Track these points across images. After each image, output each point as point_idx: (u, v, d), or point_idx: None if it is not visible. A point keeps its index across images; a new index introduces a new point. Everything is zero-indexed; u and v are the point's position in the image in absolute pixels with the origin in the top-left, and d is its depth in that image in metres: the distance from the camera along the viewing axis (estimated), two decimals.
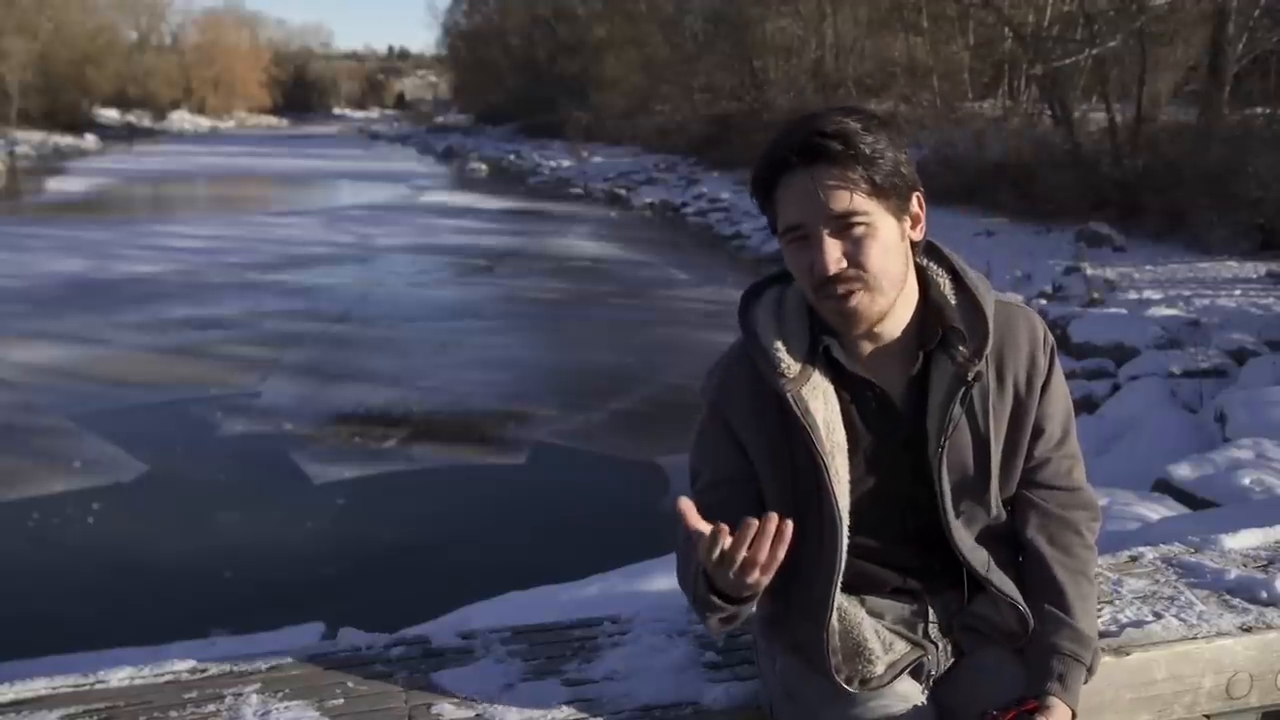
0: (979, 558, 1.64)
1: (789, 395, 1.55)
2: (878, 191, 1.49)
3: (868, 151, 1.48)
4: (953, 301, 1.61)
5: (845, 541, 1.59)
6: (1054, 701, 1.56)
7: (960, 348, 1.57)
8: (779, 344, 1.58)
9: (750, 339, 1.61)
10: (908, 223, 1.56)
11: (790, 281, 1.64)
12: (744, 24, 31.72)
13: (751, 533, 1.36)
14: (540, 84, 52.07)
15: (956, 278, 1.63)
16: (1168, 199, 14.96)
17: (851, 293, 1.50)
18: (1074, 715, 1.58)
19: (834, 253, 1.48)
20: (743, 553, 1.36)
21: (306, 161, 44.96)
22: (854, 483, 1.60)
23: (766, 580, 1.41)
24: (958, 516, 1.62)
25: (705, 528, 1.38)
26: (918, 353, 1.60)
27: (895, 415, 1.61)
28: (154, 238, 21.13)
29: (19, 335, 12.23)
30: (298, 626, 5.01)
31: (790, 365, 1.56)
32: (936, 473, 1.60)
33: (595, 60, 44.73)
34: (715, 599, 1.48)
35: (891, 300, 1.55)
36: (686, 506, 1.40)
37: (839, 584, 1.60)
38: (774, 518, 1.36)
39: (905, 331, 1.60)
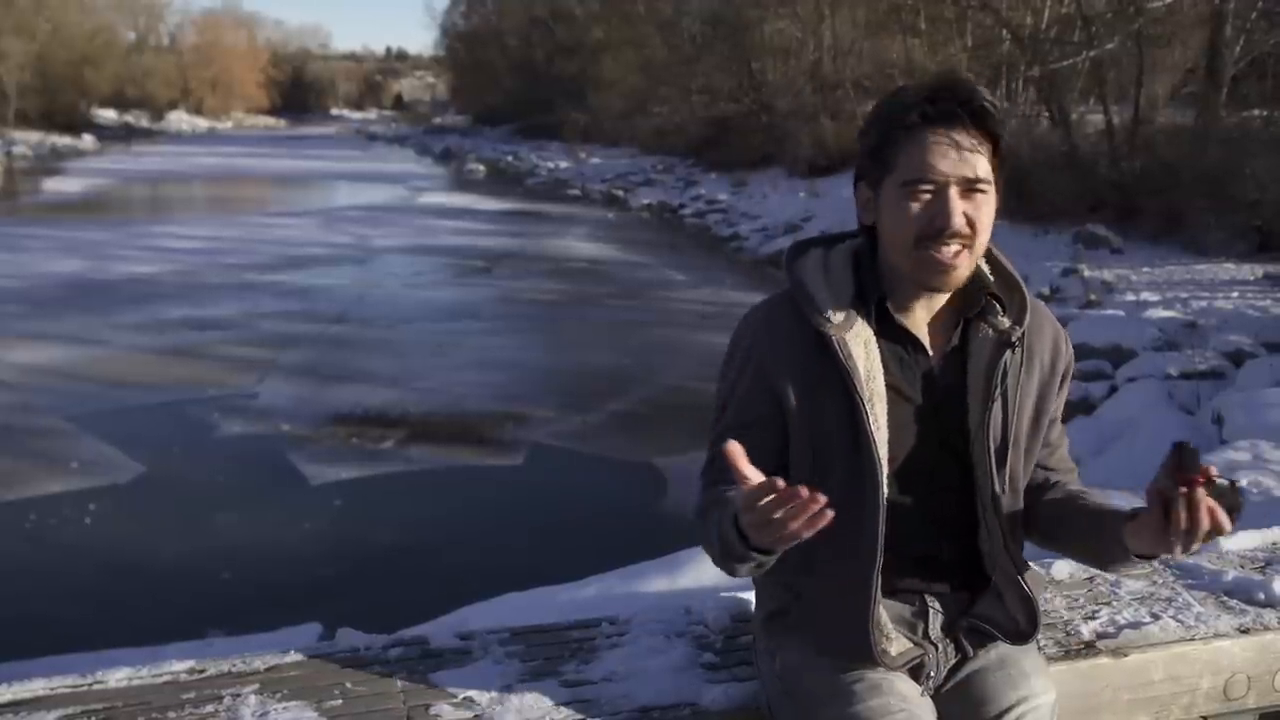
0: (1007, 531, 1.66)
1: (833, 338, 1.59)
2: (999, 167, 1.61)
3: (1005, 130, 1.60)
4: (991, 278, 1.69)
5: (885, 491, 1.60)
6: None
7: (1000, 317, 1.66)
8: (826, 292, 1.64)
9: (797, 286, 1.66)
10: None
11: (833, 245, 1.72)
12: (742, 25, 31.71)
13: (796, 500, 1.33)
14: (538, 85, 52.06)
15: (991, 260, 1.72)
16: (1165, 201, 14.96)
17: (960, 251, 1.57)
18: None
19: (959, 209, 1.56)
20: (780, 514, 1.35)
21: (304, 162, 44.93)
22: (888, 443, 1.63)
23: (794, 541, 1.39)
24: (1001, 488, 1.65)
25: (755, 476, 1.39)
26: (958, 321, 1.67)
27: (933, 379, 1.65)
28: (152, 238, 21.12)
29: (17, 336, 12.21)
30: (296, 627, 5.01)
31: (835, 311, 1.62)
32: (981, 442, 1.63)
33: (593, 61, 44.69)
34: (742, 545, 1.47)
35: (974, 268, 1.64)
36: (735, 450, 1.41)
37: (883, 534, 1.60)
38: (821, 498, 1.33)
39: (948, 300, 1.67)
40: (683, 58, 35.68)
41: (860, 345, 1.61)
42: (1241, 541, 2.40)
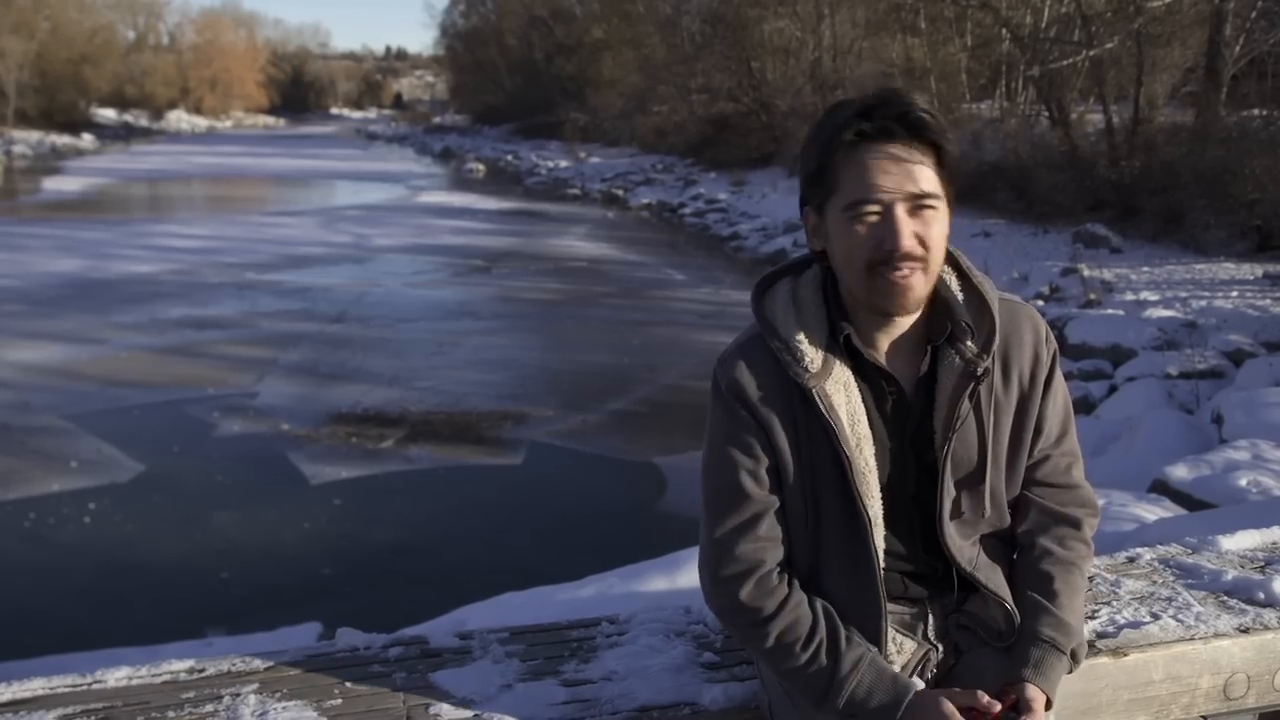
0: (967, 556, 1.63)
1: (814, 391, 1.54)
2: (947, 179, 1.52)
3: (949, 138, 1.51)
4: (960, 298, 1.61)
5: (881, 533, 1.58)
6: (1029, 690, 1.53)
7: (968, 343, 1.58)
8: (800, 335, 1.57)
9: (769, 332, 1.59)
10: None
11: (800, 272, 1.65)
12: (741, 25, 31.72)
13: None
14: (537, 85, 52.06)
15: (962, 275, 1.64)
16: (1165, 200, 14.97)
17: (912, 272, 1.50)
18: (1049, 703, 1.55)
19: (908, 229, 1.48)
20: None
21: (303, 161, 44.95)
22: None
23: None
24: (954, 516, 1.62)
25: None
26: (925, 347, 1.60)
27: (906, 409, 1.61)
28: (151, 238, 21.12)
29: (16, 335, 12.21)
30: (295, 627, 5.02)
31: (813, 359, 1.56)
32: (940, 468, 1.59)
33: (592, 61, 44.72)
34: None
35: (932, 286, 1.56)
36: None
37: (884, 588, 1.58)
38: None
39: (915, 325, 1.60)
40: (682, 57, 35.68)
41: (840, 391, 1.56)
42: (1241, 541, 2.40)
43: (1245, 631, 1.99)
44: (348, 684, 1.81)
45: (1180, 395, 8.40)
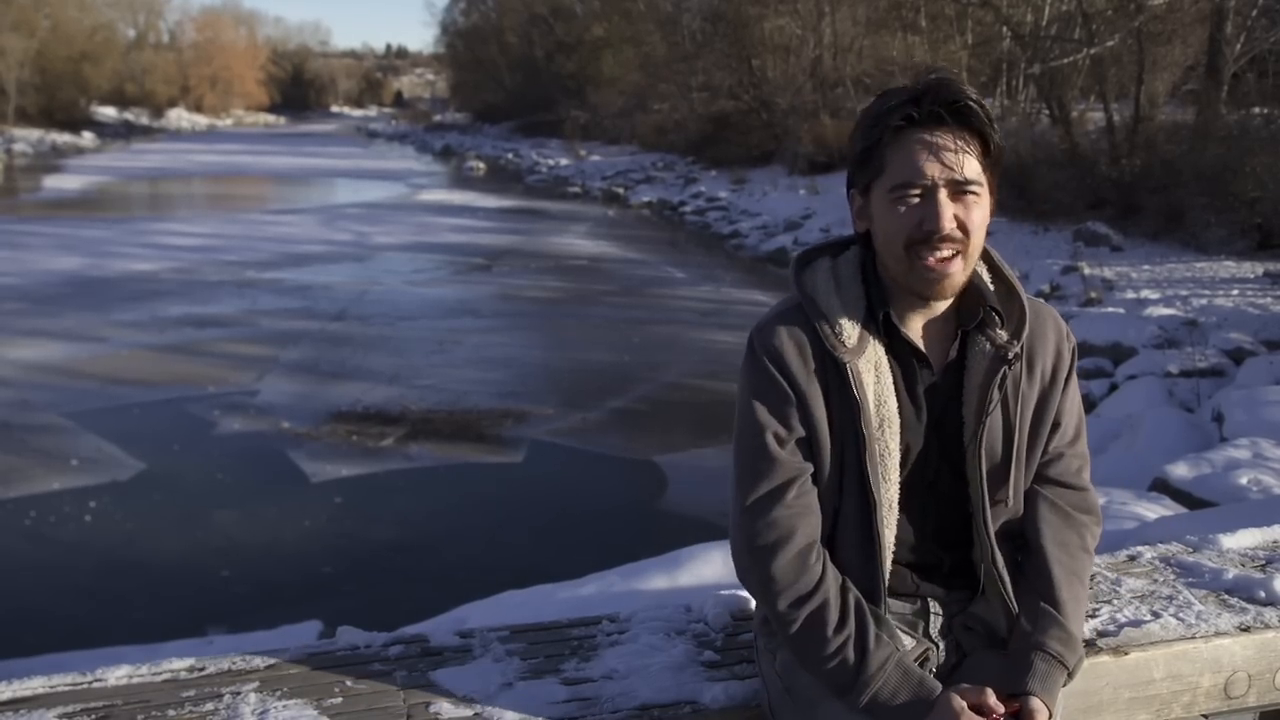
0: (1000, 550, 1.64)
1: (847, 367, 1.57)
2: (990, 168, 1.56)
3: (996, 128, 1.55)
4: (991, 288, 1.64)
5: (892, 525, 1.59)
6: (1034, 703, 1.53)
7: (999, 330, 1.61)
8: (839, 310, 1.60)
9: (809, 304, 1.62)
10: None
11: (840, 252, 1.68)
12: (742, 23, 31.71)
13: None
14: (538, 82, 52.06)
15: (993, 267, 1.68)
16: (1165, 198, 14.96)
17: (954, 255, 1.54)
18: (1050, 715, 1.55)
19: (949, 212, 1.52)
20: None
21: (304, 160, 44.94)
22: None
23: None
24: (993, 505, 1.62)
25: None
26: (956, 333, 1.63)
27: (936, 392, 1.63)
28: (151, 236, 21.12)
29: (16, 333, 12.21)
30: (295, 625, 5.02)
31: (850, 335, 1.58)
32: (975, 456, 1.60)
33: (593, 59, 44.73)
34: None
35: (970, 273, 1.60)
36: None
37: (886, 577, 1.59)
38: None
39: (948, 311, 1.63)
40: (682, 55, 35.68)
41: (871, 370, 1.58)
42: (1242, 540, 2.40)
43: (1246, 630, 1.99)
44: (348, 682, 1.81)
45: (1181, 394, 8.40)
